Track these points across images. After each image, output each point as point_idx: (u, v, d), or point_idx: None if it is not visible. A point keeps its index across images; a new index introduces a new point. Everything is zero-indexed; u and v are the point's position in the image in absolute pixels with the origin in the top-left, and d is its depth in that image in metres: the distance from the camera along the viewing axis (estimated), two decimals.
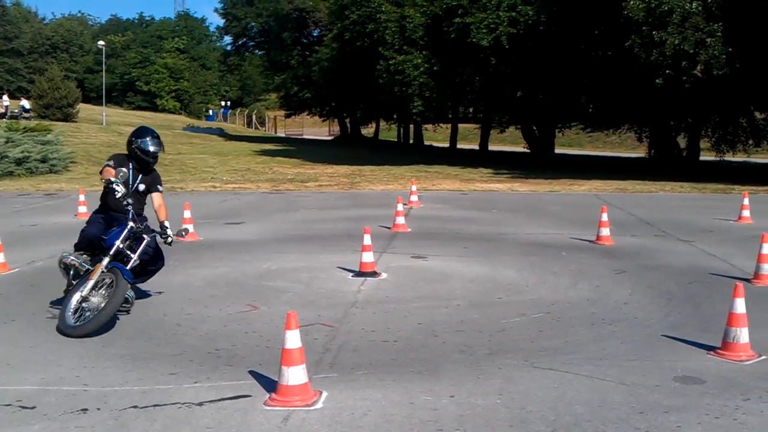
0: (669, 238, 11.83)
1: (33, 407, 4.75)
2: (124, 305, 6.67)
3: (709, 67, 22.07)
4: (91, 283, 6.48)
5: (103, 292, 6.50)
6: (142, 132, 7.32)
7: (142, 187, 7.26)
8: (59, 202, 17.54)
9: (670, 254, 10.38)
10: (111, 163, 7.03)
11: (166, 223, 7.17)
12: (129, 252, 6.78)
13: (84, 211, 14.52)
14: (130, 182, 7.11)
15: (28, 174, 24.23)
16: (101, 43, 58.80)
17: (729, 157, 33.16)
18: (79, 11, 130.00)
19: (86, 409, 4.71)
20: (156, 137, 7.30)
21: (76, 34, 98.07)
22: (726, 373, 5.40)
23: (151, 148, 7.21)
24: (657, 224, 13.40)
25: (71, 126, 38.62)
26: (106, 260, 6.58)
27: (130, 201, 6.86)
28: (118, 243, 6.68)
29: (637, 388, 5.08)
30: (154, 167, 7.44)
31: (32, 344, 6.13)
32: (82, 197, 14.92)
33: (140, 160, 7.22)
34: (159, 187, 7.46)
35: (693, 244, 11.27)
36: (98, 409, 4.72)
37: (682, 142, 34.01)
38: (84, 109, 51.02)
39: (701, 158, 32.14)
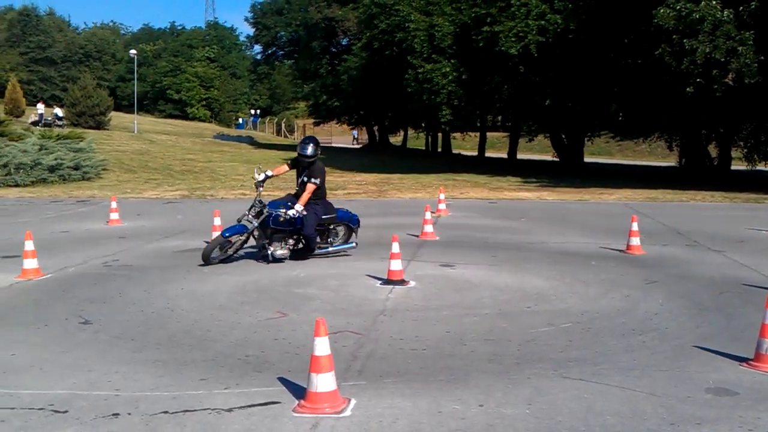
0: (700, 248, 11.70)
1: (65, 411, 4.82)
2: None
3: (740, 76, 21.81)
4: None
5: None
6: (302, 140, 10.39)
7: (303, 179, 10.13)
8: (91, 209, 17.75)
9: (702, 264, 10.27)
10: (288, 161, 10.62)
11: (295, 205, 9.82)
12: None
13: (116, 217, 14.69)
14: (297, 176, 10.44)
15: (60, 181, 24.60)
16: (133, 51, 59.65)
17: (761, 167, 32.72)
18: (112, 21, 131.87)
19: (117, 414, 4.77)
20: (307, 143, 10.19)
21: (109, 43, 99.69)
22: (759, 385, 5.33)
23: (304, 151, 10.13)
24: (688, 234, 13.26)
25: (103, 134, 39.24)
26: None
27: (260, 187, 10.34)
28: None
29: (668, 399, 5.03)
30: (314, 164, 10.14)
31: (64, 349, 6.22)
32: (114, 204, 15.07)
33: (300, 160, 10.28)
34: (312, 179, 9.99)
35: (724, 254, 11.13)
36: (129, 413, 4.78)
37: (713, 151, 33.63)
38: (116, 117, 51.81)
39: (732, 167, 31.75)
